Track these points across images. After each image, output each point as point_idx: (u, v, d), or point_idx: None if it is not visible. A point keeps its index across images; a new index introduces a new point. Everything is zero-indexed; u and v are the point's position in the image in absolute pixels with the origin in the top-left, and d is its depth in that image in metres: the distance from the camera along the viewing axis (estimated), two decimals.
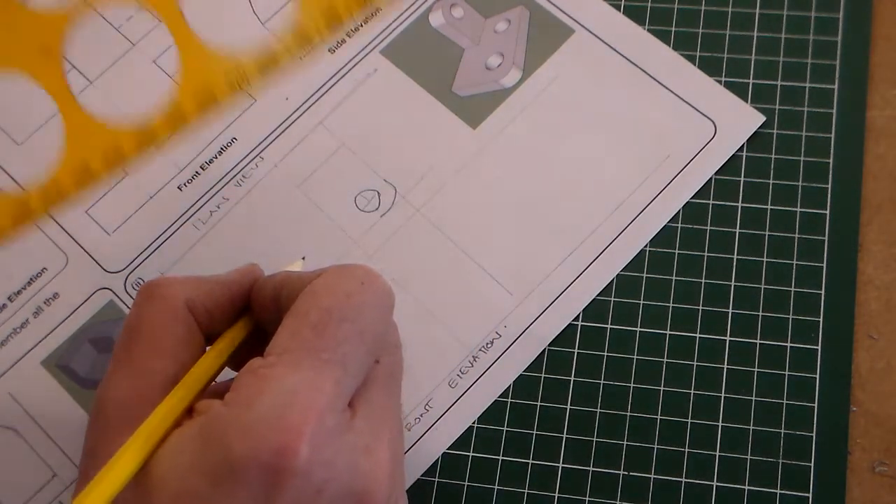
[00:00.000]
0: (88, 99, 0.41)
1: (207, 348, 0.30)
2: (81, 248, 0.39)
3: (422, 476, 0.36)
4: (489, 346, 0.37)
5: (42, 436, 0.37)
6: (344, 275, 0.28)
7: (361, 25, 0.42)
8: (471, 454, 0.36)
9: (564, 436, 0.36)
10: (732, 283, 0.37)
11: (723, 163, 0.39)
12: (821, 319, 0.36)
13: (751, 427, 0.35)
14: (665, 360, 0.36)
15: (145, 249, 0.39)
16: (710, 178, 0.39)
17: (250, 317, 0.30)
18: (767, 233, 0.38)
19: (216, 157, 0.40)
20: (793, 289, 0.37)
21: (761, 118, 0.39)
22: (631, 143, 0.39)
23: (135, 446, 0.25)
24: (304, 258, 0.38)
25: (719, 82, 0.40)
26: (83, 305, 0.38)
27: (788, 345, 0.36)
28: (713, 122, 0.39)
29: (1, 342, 0.38)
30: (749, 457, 0.35)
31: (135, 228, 0.40)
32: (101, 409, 0.27)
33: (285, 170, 0.40)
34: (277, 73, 0.35)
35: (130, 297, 0.38)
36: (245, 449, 0.24)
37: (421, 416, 0.36)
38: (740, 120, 0.39)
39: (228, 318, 0.30)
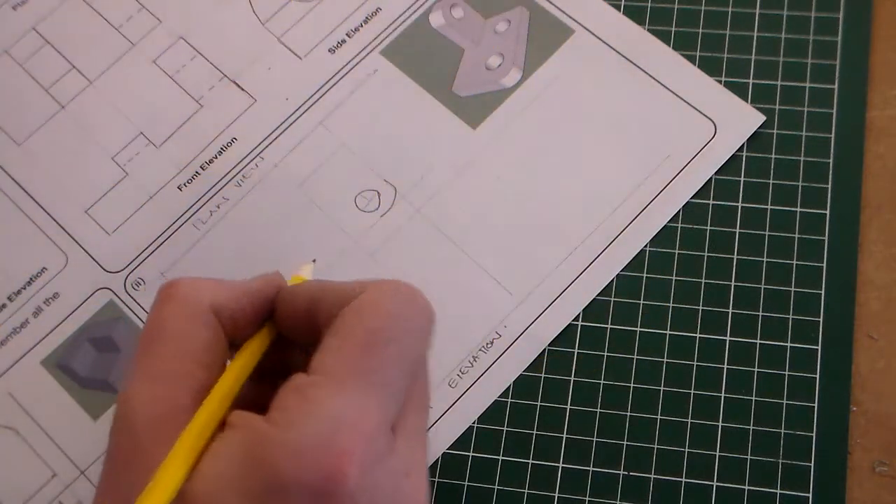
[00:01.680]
0: (88, 98, 0.41)
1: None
2: (81, 247, 0.39)
3: None
4: (489, 346, 0.37)
5: (42, 436, 0.37)
6: (389, 293, 0.27)
7: (362, 26, 0.42)
8: (471, 454, 0.36)
9: (564, 436, 0.36)
10: (732, 283, 0.37)
11: (723, 163, 0.39)
12: (821, 319, 0.36)
13: (751, 427, 0.35)
14: (665, 360, 0.36)
15: (145, 249, 0.39)
16: (710, 178, 0.38)
17: (272, 325, 0.30)
18: (767, 233, 0.38)
19: (216, 157, 0.40)
20: (793, 289, 0.37)
21: (761, 118, 0.39)
22: (631, 143, 0.39)
23: (176, 462, 0.24)
24: (314, 261, 0.37)
25: (719, 82, 0.40)
26: (83, 305, 0.38)
27: (788, 345, 0.36)
28: (713, 122, 0.39)
29: (1, 342, 0.38)
30: (749, 457, 0.35)
31: (135, 228, 0.40)
32: (129, 416, 0.26)
33: (285, 170, 0.40)
34: None
35: (130, 296, 0.38)
36: (294, 471, 0.24)
37: None
38: (740, 120, 0.39)
39: (251, 325, 0.29)
